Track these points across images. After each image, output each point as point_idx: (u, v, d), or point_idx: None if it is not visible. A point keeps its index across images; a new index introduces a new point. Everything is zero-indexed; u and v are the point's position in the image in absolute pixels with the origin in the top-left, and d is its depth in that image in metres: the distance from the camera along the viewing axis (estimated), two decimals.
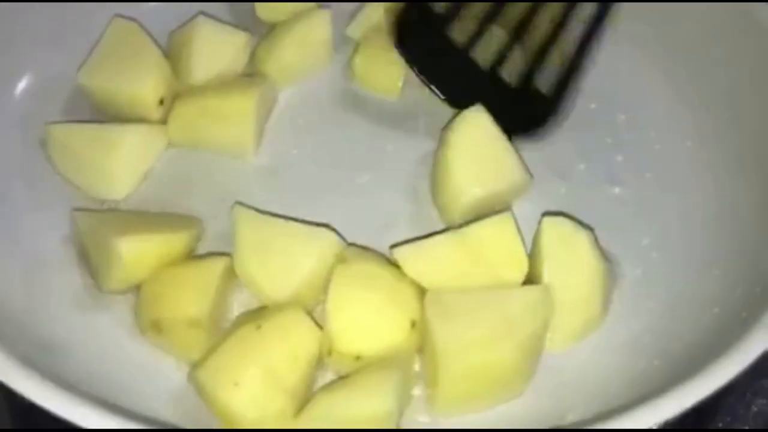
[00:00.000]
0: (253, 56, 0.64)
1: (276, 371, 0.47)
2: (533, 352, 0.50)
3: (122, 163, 0.57)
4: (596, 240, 0.54)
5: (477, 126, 0.57)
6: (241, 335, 0.48)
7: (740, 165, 0.59)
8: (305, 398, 0.48)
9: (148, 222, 0.55)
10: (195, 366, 0.48)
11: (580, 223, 0.54)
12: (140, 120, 0.60)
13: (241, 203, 0.55)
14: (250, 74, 0.64)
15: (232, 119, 0.59)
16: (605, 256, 0.54)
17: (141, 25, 0.62)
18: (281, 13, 0.66)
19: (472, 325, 0.48)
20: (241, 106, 0.59)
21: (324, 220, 0.55)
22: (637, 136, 0.63)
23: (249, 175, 0.60)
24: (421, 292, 0.51)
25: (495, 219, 0.53)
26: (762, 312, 0.46)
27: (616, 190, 0.60)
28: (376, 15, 0.66)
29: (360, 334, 0.49)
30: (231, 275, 0.52)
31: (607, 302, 0.54)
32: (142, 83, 0.59)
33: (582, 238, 0.53)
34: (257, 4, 0.66)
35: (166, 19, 0.65)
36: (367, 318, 0.49)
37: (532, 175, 0.59)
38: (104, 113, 0.61)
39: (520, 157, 0.58)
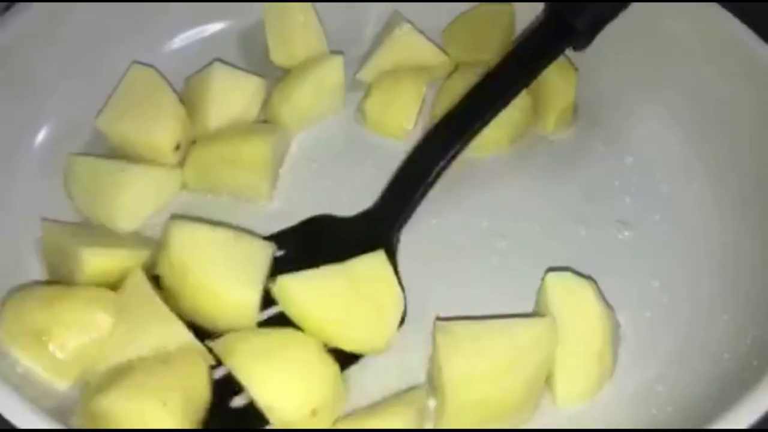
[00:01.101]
0: (267, 101, 0.65)
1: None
2: (538, 384, 0.50)
3: (131, 200, 0.58)
4: (600, 291, 0.54)
5: None
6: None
7: (747, 207, 0.60)
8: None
9: (114, 237, 0.57)
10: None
11: (582, 275, 0.54)
12: (157, 162, 0.61)
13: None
14: (264, 120, 0.65)
15: (248, 165, 0.60)
16: (610, 306, 0.54)
17: (158, 71, 0.63)
18: (295, 58, 0.67)
19: (479, 358, 0.48)
20: (258, 153, 0.60)
21: None
22: (645, 179, 0.64)
23: (263, 218, 0.60)
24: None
25: (372, 255, 0.53)
26: None
27: (626, 233, 0.61)
28: (386, 60, 0.67)
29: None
30: None
31: (617, 353, 0.54)
32: (159, 130, 0.60)
33: (588, 292, 0.53)
34: (272, 50, 0.67)
35: (182, 64, 0.66)
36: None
37: None
38: (121, 155, 0.62)
39: None
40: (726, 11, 0.63)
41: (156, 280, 0.53)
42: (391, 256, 0.56)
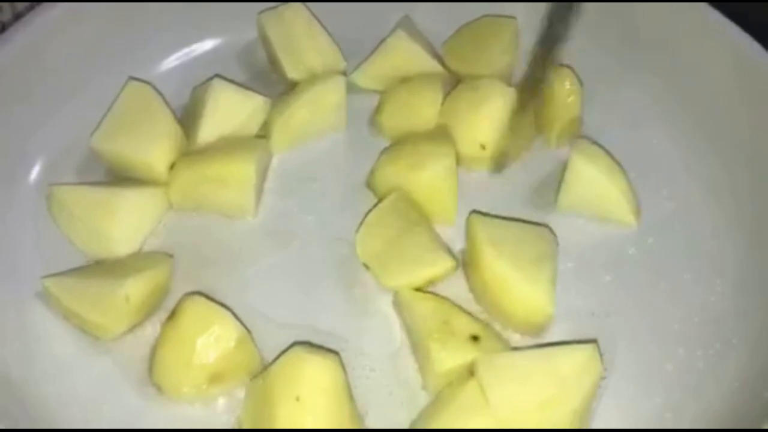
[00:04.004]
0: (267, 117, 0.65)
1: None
2: (586, 413, 0.50)
3: (122, 226, 0.58)
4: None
5: None
6: None
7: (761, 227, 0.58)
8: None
9: (125, 265, 0.56)
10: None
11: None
12: (152, 181, 0.60)
13: None
14: (256, 136, 0.64)
15: (231, 183, 0.59)
16: None
17: (155, 88, 0.63)
18: (310, 71, 0.66)
19: (525, 389, 0.48)
20: (241, 171, 0.59)
21: None
22: (649, 194, 0.62)
23: (249, 234, 0.60)
24: None
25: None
26: None
27: (631, 250, 0.60)
28: (379, 65, 0.67)
29: None
30: None
31: None
32: (153, 150, 0.60)
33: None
34: (286, 66, 0.67)
35: (180, 81, 0.66)
36: None
37: None
38: (116, 174, 0.62)
39: None
40: (735, 26, 0.61)
41: None
42: None
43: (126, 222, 0.58)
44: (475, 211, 0.58)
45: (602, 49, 0.61)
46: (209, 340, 0.52)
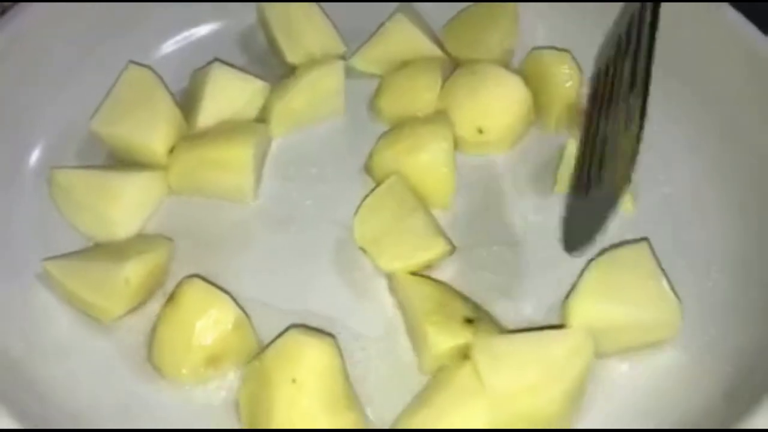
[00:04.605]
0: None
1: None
2: (578, 395, 0.50)
3: (122, 210, 0.58)
4: None
5: None
6: None
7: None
8: None
9: (125, 248, 0.56)
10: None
11: None
12: (151, 165, 0.61)
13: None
14: (255, 120, 0.65)
15: (230, 167, 0.60)
16: None
17: (155, 72, 0.63)
18: (310, 56, 0.66)
19: (519, 371, 0.49)
20: (239, 155, 0.59)
21: None
22: (648, 180, 0.62)
23: (250, 218, 0.61)
24: None
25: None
26: None
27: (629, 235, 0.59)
28: (378, 50, 0.67)
29: None
30: None
31: None
32: (153, 134, 0.60)
33: None
34: (285, 50, 0.67)
35: (179, 65, 0.66)
36: None
37: None
38: (117, 158, 0.62)
39: None
40: (733, 10, 0.61)
41: None
42: None
43: (126, 205, 0.58)
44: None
45: (602, 33, 0.60)
46: (207, 323, 0.52)
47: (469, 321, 0.52)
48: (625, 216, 0.60)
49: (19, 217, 0.59)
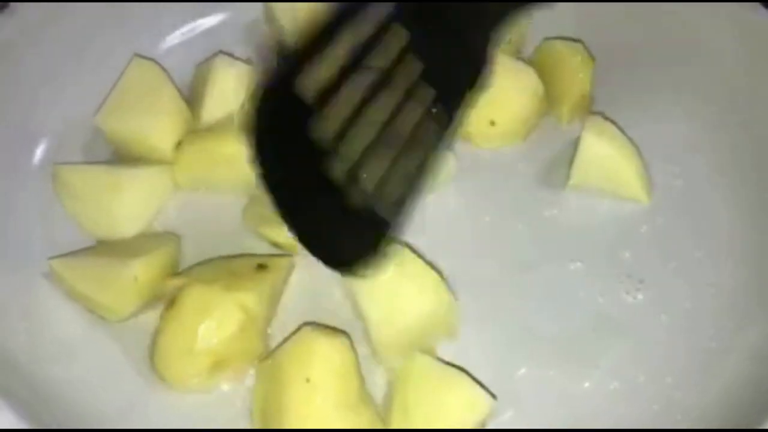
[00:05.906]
0: None
1: None
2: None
3: (128, 206, 0.57)
4: None
5: None
6: None
7: None
8: None
9: (132, 246, 0.56)
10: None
11: None
12: (158, 160, 0.60)
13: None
14: None
15: (238, 163, 0.58)
16: None
17: (160, 65, 0.62)
18: None
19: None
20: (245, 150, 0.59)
21: None
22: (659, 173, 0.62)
23: None
24: None
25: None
26: None
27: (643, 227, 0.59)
28: None
29: None
30: None
31: None
32: (159, 128, 0.59)
33: None
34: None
35: (184, 58, 0.65)
36: None
37: None
38: (122, 153, 0.61)
39: None
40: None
41: None
42: None
43: (132, 202, 0.57)
44: None
45: (616, 25, 0.60)
46: (210, 326, 0.51)
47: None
48: (640, 207, 0.59)
49: (23, 214, 0.58)
